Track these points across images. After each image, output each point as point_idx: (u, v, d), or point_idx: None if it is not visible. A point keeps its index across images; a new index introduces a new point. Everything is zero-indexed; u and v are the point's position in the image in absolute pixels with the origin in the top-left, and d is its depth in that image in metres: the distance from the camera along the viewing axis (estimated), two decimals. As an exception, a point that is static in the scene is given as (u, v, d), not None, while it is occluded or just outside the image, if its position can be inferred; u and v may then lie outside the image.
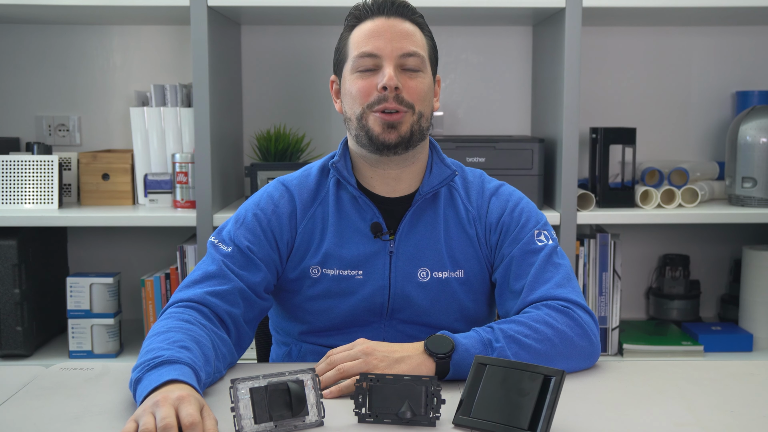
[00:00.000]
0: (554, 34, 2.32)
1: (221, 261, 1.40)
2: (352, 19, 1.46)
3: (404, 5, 1.45)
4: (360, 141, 1.44)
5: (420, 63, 1.42)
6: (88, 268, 2.61)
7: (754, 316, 2.45)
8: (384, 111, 1.39)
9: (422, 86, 1.42)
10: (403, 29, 1.42)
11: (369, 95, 1.41)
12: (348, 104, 1.44)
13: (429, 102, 1.45)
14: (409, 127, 1.41)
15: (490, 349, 1.28)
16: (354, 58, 1.42)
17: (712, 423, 1.13)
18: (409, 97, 1.40)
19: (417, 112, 1.41)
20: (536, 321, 1.33)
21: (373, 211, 1.45)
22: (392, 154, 1.42)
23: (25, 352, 2.27)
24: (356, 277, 1.44)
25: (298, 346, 1.50)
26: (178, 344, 1.21)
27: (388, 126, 1.40)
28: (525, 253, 1.43)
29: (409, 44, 1.41)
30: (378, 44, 1.40)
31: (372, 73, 1.41)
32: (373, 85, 1.40)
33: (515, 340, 1.30)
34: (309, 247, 1.46)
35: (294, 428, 1.09)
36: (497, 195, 1.50)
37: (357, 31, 1.44)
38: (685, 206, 2.35)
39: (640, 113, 2.66)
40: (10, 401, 1.21)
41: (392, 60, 1.40)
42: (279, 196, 1.48)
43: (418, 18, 1.46)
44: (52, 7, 2.22)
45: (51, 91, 2.62)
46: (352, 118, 1.43)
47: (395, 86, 1.38)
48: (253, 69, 2.63)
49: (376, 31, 1.42)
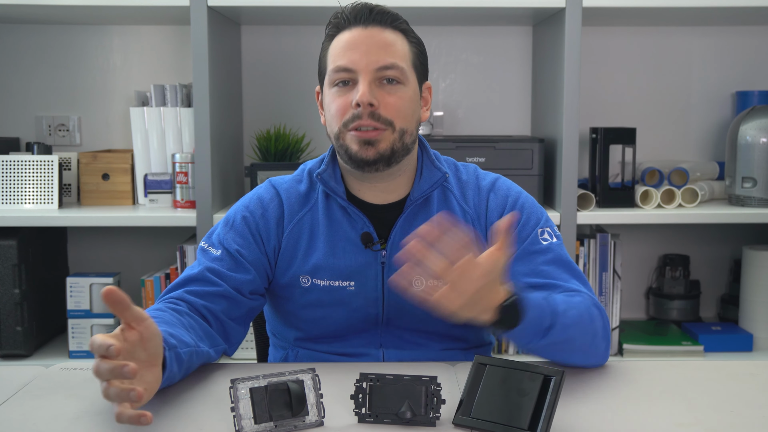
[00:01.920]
0: (554, 34, 2.32)
1: (204, 265, 1.39)
2: (332, 28, 1.39)
3: (383, 12, 1.37)
4: (342, 158, 1.40)
5: (399, 75, 1.35)
6: (88, 268, 2.61)
7: (754, 316, 2.45)
8: (359, 129, 1.34)
9: (402, 101, 1.35)
10: (381, 40, 1.35)
11: (345, 112, 1.34)
12: (328, 120, 1.40)
13: (412, 115, 1.38)
14: (389, 145, 1.35)
15: (540, 336, 1.25)
16: (330, 72, 1.36)
17: (712, 423, 1.13)
18: (386, 113, 1.33)
19: (398, 130, 1.35)
20: (582, 312, 1.30)
21: (363, 220, 1.41)
22: (373, 170, 1.36)
23: (25, 352, 2.28)
24: (348, 288, 1.41)
25: (295, 351, 1.48)
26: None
27: (364, 143, 1.34)
28: (529, 253, 1.39)
29: (387, 56, 1.34)
30: (353, 57, 1.34)
31: (348, 88, 1.35)
32: (349, 101, 1.34)
33: (566, 332, 1.26)
34: (296, 253, 1.43)
35: (294, 428, 1.09)
36: (495, 191, 1.46)
37: (335, 42, 1.38)
38: (685, 206, 2.35)
39: (640, 113, 2.66)
40: (10, 401, 1.21)
41: (368, 74, 1.33)
42: (269, 199, 1.45)
43: (400, 24, 1.38)
44: (52, 7, 2.22)
45: (51, 91, 2.62)
46: (331, 135, 1.39)
47: (369, 102, 1.32)
48: (253, 69, 2.63)
49: (352, 43, 1.35)
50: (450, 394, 1.20)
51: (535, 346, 1.26)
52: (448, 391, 1.21)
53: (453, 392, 1.22)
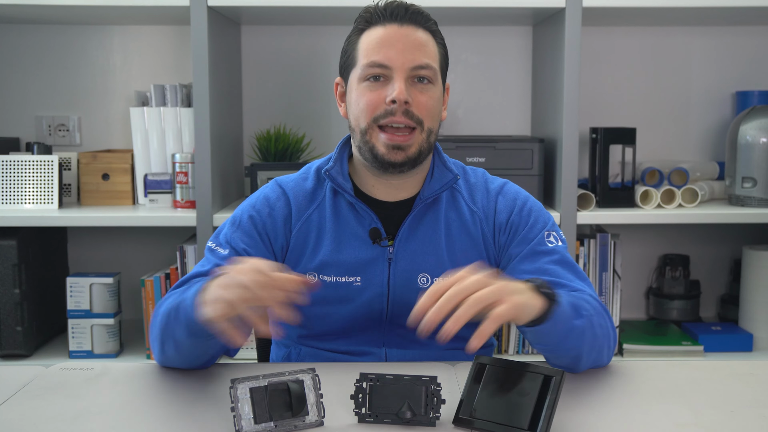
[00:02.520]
0: (554, 34, 2.32)
1: (214, 263, 1.39)
2: (363, 22, 1.40)
3: (419, 12, 1.38)
4: (363, 155, 1.40)
5: (432, 74, 1.37)
6: (88, 268, 2.61)
7: (754, 316, 2.45)
8: (391, 126, 1.35)
9: (432, 101, 1.37)
10: (416, 39, 1.36)
11: (376, 108, 1.36)
12: (353, 114, 1.40)
13: (438, 115, 1.41)
14: (417, 148, 1.37)
15: (575, 313, 1.25)
16: (363, 66, 1.37)
17: (712, 423, 1.13)
18: (418, 112, 1.35)
19: (426, 129, 1.37)
20: (595, 306, 1.31)
21: (372, 216, 1.42)
22: (398, 172, 1.39)
23: (25, 352, 2.27)
24: (354, 284, 1.42)
25: (297, 349, 1.49)
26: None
27: (394, 147, 1.36)
28: (536, 253, 1.41)
29: (422, 56, 1.36)
30: (389, 54, 1.35)
31: (381, 83, 1.36)
32: (382, 97, 1.35)
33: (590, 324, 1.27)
34: (304, 251, 1.44)
35: (294, 428, 1.09)
36: (503, 194, 1.47)
37: (367, 36, 1.38)
38: (685, 206, 2.35)
39: (640, 113, 2.66)
40: (10, 401, 1.21)
41: (403, 72, 1.35)
42: (275, 198, 1.46)
43: (432, 26, 1.40)
44: (52, 7, 2.22)
45: (51, 91, 2.62)
46: (356, 130, 1.39)
47: (405, 100, 1.34)
48: (253, 69, 2.63)
49: (388, 40, 1.35)
50: (450, 394, 1.20)
51: (570, 328, 1.24)
52: (449, 391, 1.21)
53: (453, 392, 1.22)
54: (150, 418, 1.15)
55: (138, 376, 1.33)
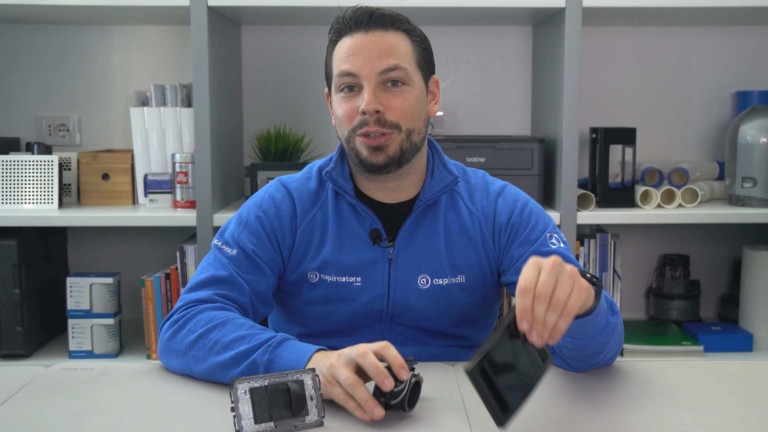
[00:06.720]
0: (554, 34, 2.32)
1: (229, 266, 1.39)
2: (335, 33, 1.41)
3: (383, 16, 1.37)
4: (353, 160, 1.42)
5: (403, 76, 1.36)
6: (88, 268, 2.61)
7: (754, 316, 2.45)
8: (367, 135, 1.36)
9: (407, 102, 1.37)
10: (382, 43, 1.36)
11: (352, 119, 1.37)
12: (337, 124, 1.42)
13: (419, 114, 1.39)
14: (397, 147, 1.37)
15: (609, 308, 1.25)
16: (335, 77, 1.39)
17: (712, 423, 1.13)
18: (392, 117, 1.35)
19: (404, 130, 1.37)
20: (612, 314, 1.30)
21: (372, 217, 1.43)
22: (384, 173, 1.39)
23: (25, 352, 2.27)
24: (355, 284, 1.43)
25: None
26: (258, 327, 1.28)
27: (373, 149, 1.36)
28: (538, 253, 1.38)
29: (389, 58, 1.35)
30: (356, 63, 1.35)
31: (354, 93, 1.37)
32: (355, 108, 1.36)
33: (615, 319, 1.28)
34: (307, 251, 1.44)
35: (294, 428, 1.09)
36: (503, 195, 1.48)
37: (339, 47, 1.39)
38: (685, 206, 2.35)
39: (640, 113, 2.66)
40: (10, 401, 1.21)
41: (372, 79, 1.35)
42: (281, 198, 1.46)
43: (401, 25, 1.39)
44: (52, 7, 2.22)
45: (51, 91, 2.62)
46: (341, 138, 1.41)
47: (374, 110, 1.34)
48: (253, 69, 2.63)
49: (354, 49, 1.36)
50: (450, 394, 1.20)
51: (606, 323, 1.23)
52: (448, 391, 1.21)
53: (453, 392, 1.22)
54: (150, 418, 1.15)
55: (138, 376, 1.33)
